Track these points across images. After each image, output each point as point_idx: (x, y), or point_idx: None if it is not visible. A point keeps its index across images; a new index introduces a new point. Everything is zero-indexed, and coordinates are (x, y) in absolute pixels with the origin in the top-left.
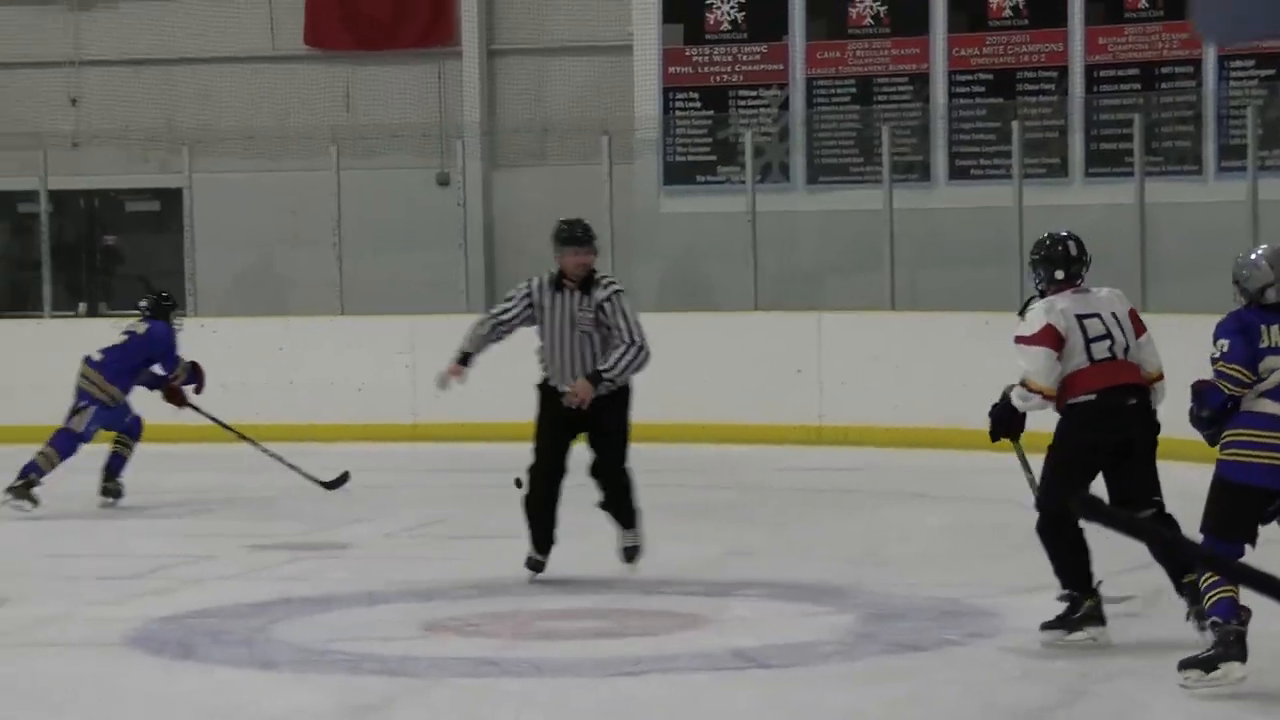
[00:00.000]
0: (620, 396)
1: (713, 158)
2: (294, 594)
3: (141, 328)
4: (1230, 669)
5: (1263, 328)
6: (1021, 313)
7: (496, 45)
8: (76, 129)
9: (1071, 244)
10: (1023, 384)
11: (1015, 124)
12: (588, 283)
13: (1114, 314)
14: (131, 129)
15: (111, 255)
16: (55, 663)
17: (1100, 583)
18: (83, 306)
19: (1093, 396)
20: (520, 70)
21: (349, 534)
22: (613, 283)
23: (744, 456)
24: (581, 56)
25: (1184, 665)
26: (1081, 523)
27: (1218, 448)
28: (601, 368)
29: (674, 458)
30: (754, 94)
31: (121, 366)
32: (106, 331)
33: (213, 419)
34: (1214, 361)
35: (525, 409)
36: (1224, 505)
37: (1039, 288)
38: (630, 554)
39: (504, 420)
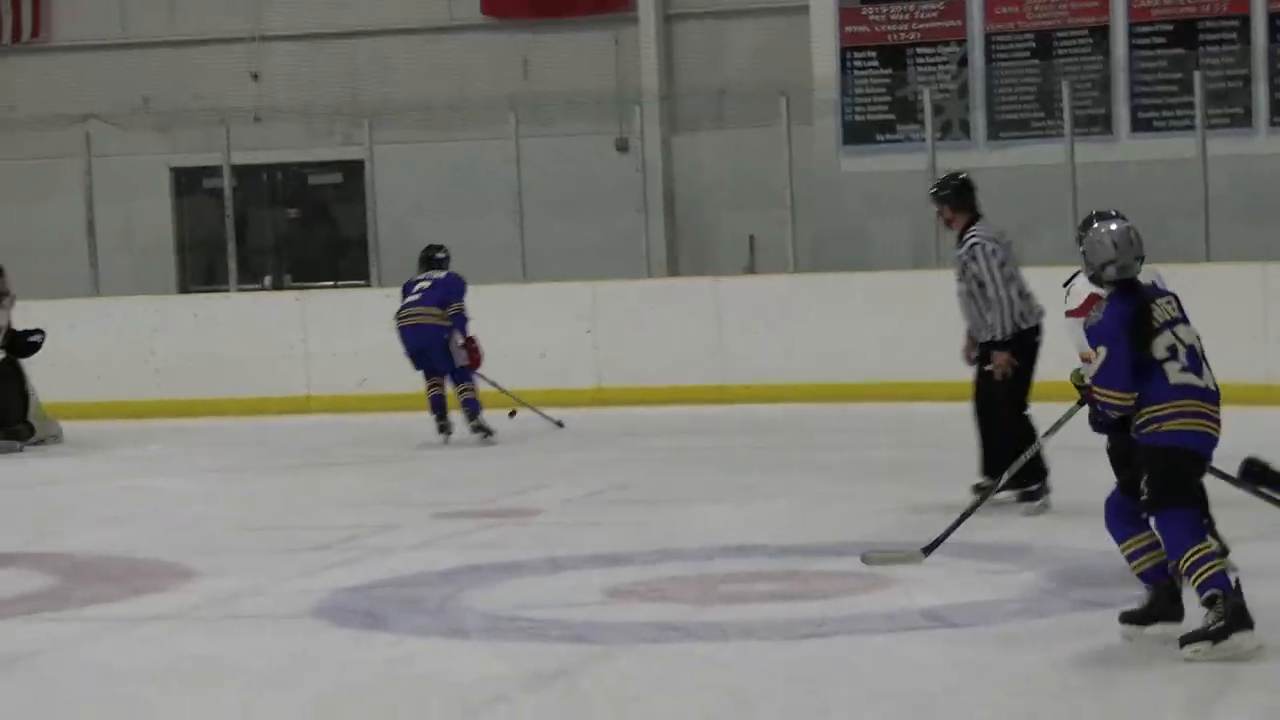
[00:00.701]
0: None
1: (891, 116)
2: (480, 561)
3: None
4: (1243, 639)
5: (1140, 317)
6: (1067, 285)
7: (673, 9)
8: (258, 104)
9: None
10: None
11: (1197, 75)
12: (960, 237)
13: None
14: (312, 103)
15: (295, 228)
16: (248, 636)
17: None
18: (268, 280)
19: None
20: (697, 34)
21: (533, 500)
22: (971, 237)
23: (932, 414)
24: (758, 18)
25: (1187, 640)
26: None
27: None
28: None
29: (860, 416)
30: (932, 51)
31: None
32: (290, 304)
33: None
34: (1093, 376)
35: (704, 373)
36: (1168, 474)
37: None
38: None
39: (685, 384)
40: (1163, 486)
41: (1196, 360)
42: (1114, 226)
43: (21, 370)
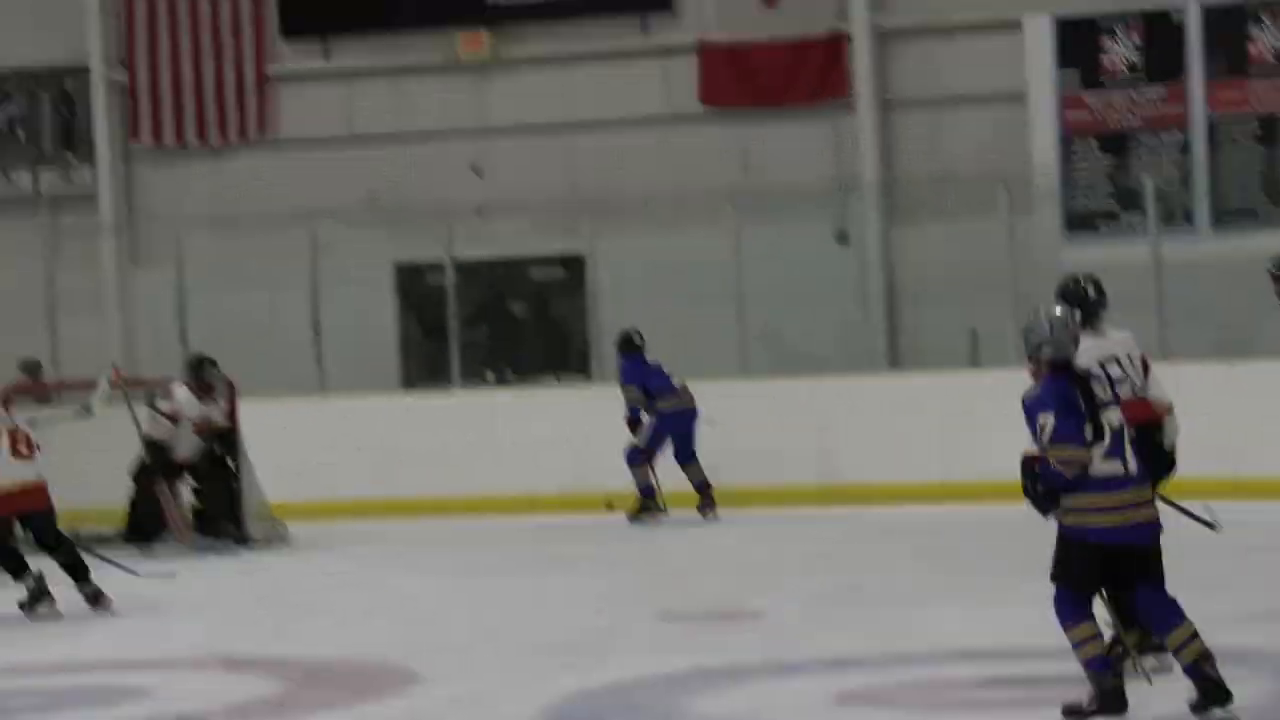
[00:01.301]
0: None
1: (1114, 205)
2: (707, 664)
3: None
4: None
5: (1076, 394)
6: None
7: (891, 96)
8: (482, 199)
9: (1091, 286)
10: None
11: None
12: None
13: (1129, 355)
14: (535, 196)
15: (517, 322)
16: None
17: None
18: (491, 376)
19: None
20: (915, 122)
21: (761, 601)
22: None
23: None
24: (976, 106)
25: (1066, 712)
26: None
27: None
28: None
29: None
30: (1154, 137)
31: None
32: (512, 399)
33: None
34: (1045, 447)
35: (928, 469)
36: (1076, 567)
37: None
38: None
39: (908, 481)
40: (1061, 567)
41: (1120, 445)
42: (1053, 310)
43: (230, 468)
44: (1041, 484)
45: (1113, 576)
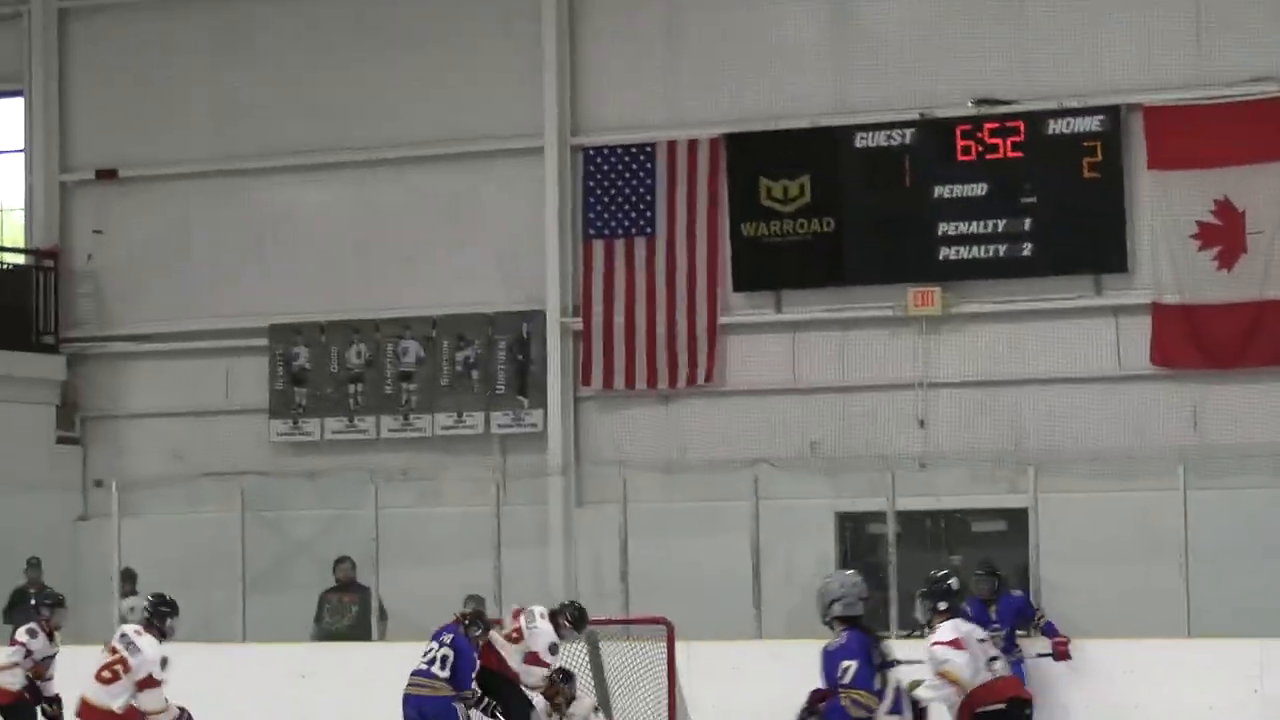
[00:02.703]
0: None
1: None
2: None
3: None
4: None
5: (872, 649)
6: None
7: None
8: (924, 450)
9: (954, 580)
10: (940, 674)
11: None
12: None
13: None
14: (978, 449)
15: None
16: None
17: None
18: (927, 630)
19: (1003, 705)
20: None
21: None
22: None
23: None
24: None
25: None
26: None
27: None
28: None
29: None
30: None
31: None
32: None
33: None
34: (842, 687)
35: None
36: None
37: (925, 619)
38: None
39: None
40: None
41: (901, 703)
42: (844, 574)
43: None
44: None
45: None
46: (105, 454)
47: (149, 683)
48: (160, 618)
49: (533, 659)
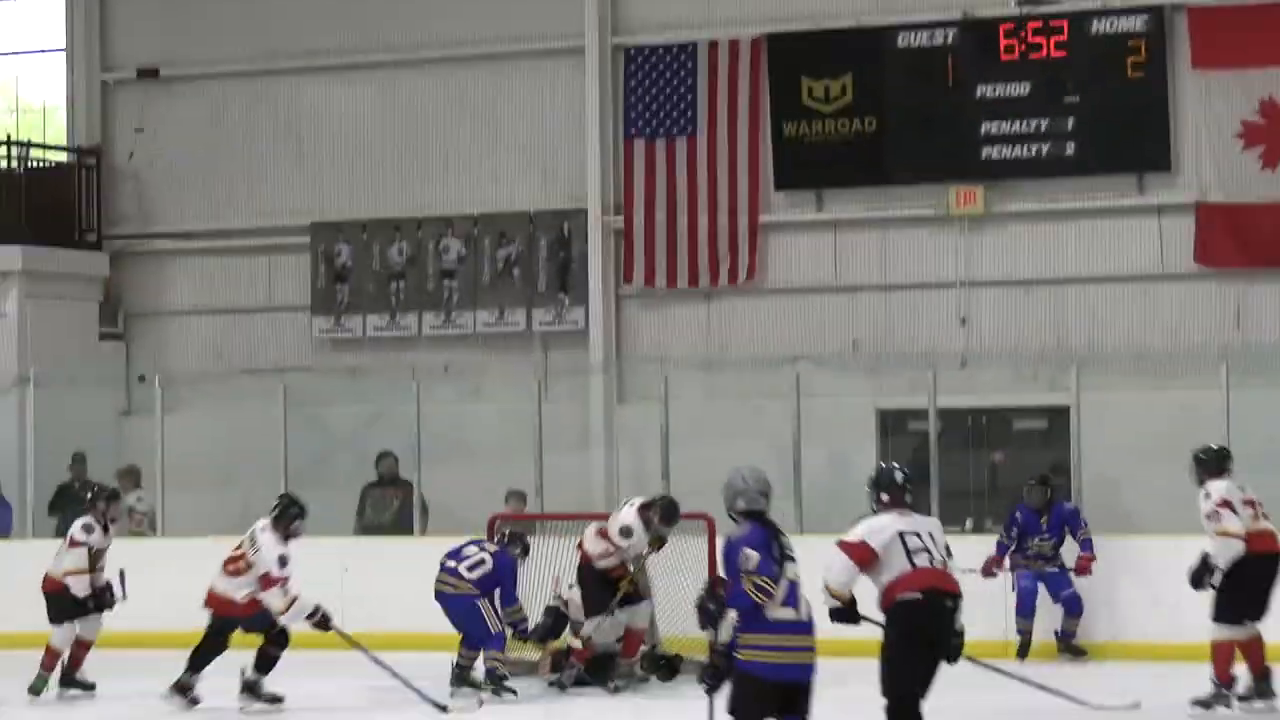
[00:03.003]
0: None
1: None
2: None
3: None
4: None
5: (772, 541)
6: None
7: None
8: (965, 348)
9: (898, 473)
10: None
11: None
12: None
13: (930, 534)
14: (1019, 348)
15: (999, 472)
16: None
17: None
18: (969, 523)
19: (918, 595)
20: None
21: None
22: None
23: None
24: None
25: None
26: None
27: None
28: None
29: None
30: None
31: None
32: (991, 547)
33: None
34: (745, 573)
35: None
36: (751, 698)
37: (871, 508)
38: None
39: None
40: (736, 701)
41: (796, 595)
42: (748, 468)
43: None
44: (727, 604)
45: (778, 709)
46: (148, 350)
47: (268, 580)
48: (288, 518)
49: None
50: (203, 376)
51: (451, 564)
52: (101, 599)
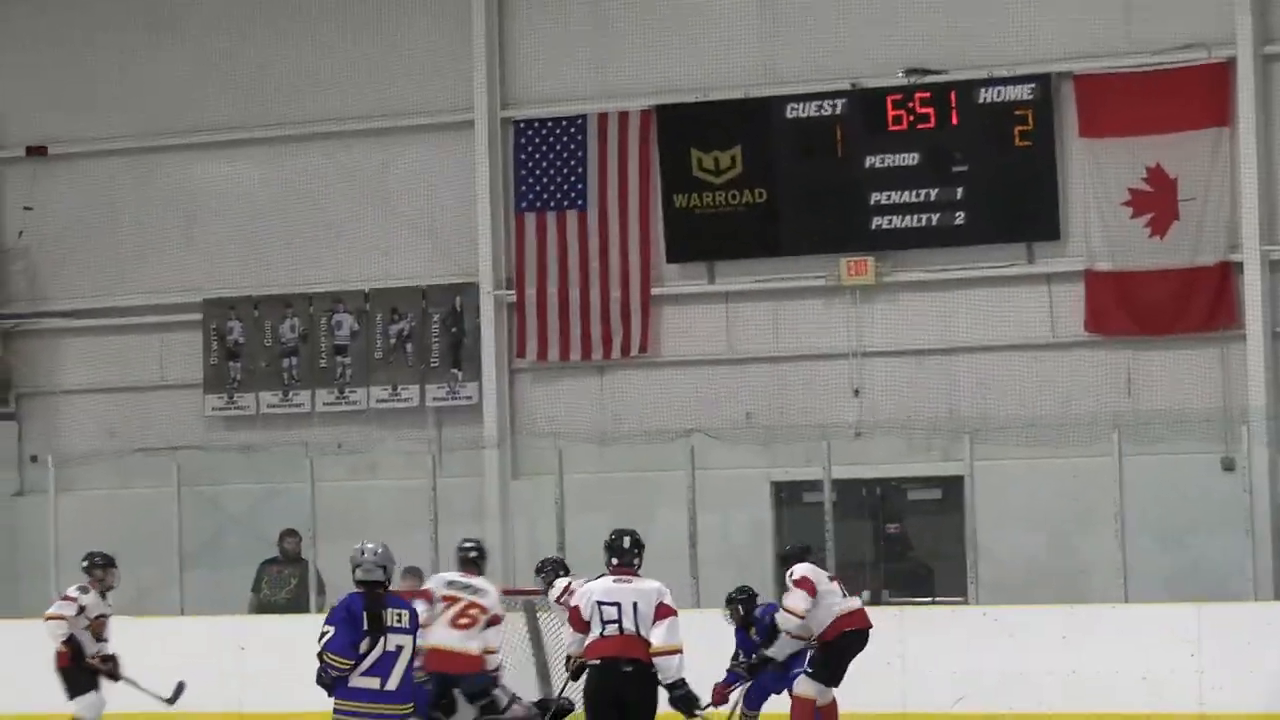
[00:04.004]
0: None
1: None
2: None
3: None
4: None
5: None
6: None
7: None
8: (859, 419)
9: (626, 539)
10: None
11: None
12: None
13: (634, 603)
14: (913, 418)
15: (895, 542)
16: None
17: None
18: (866, 595)
19: (597, 661)
20: None
21: None
22: None
23: None
24: None
25: None
26: None
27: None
28: None
29: None
30: None
31: None
32: (889, 619)
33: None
34: (319, 647)
35: None
36: None
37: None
38: None
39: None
40: None
41: (388, 666)
42: (368, 545)
43: None
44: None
45: None
46: (40, 429)
47: (496, 620)
48: (484, 560)
49: None
50: (96, 455)
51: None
52: (110, 669)
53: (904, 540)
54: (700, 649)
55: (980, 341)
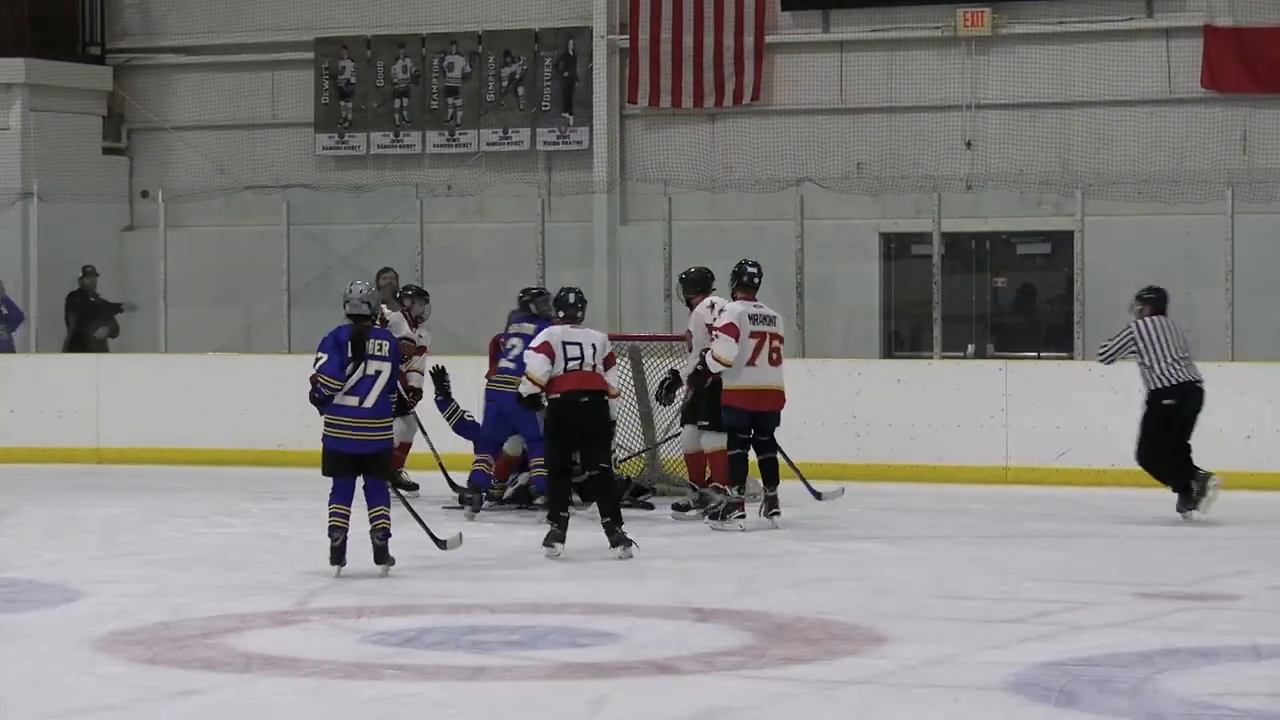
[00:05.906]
0: None
1: None
2: (1179, 644)
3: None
4: None
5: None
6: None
7: None
8: (971, 171)
9: (571, 295)
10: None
11: None
12: None
13: (593, 344)
14: (1025, 172)
15: (1001, 297)
16: (941, 706)
17: None
18: (970, 348)
19: (558, 396)
20: None
21: (1234, 585)
22: None
23: None
24: None
25: None
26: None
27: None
28: None
29: None
30: None
31: None
32: (993, 373)
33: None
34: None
35: None
36: (332, 462)
37: (553, 318)
38: None
39: None
40: (323, 465)
41: (367, 387)
42: (357, 282)
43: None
44: (310, 397)
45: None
46: (151, 165)
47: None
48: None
49: None
50: (206, 192)
51: (502, 362)
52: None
53: (1012, 294)
54: (804, 397)
55: (1095, 96)
